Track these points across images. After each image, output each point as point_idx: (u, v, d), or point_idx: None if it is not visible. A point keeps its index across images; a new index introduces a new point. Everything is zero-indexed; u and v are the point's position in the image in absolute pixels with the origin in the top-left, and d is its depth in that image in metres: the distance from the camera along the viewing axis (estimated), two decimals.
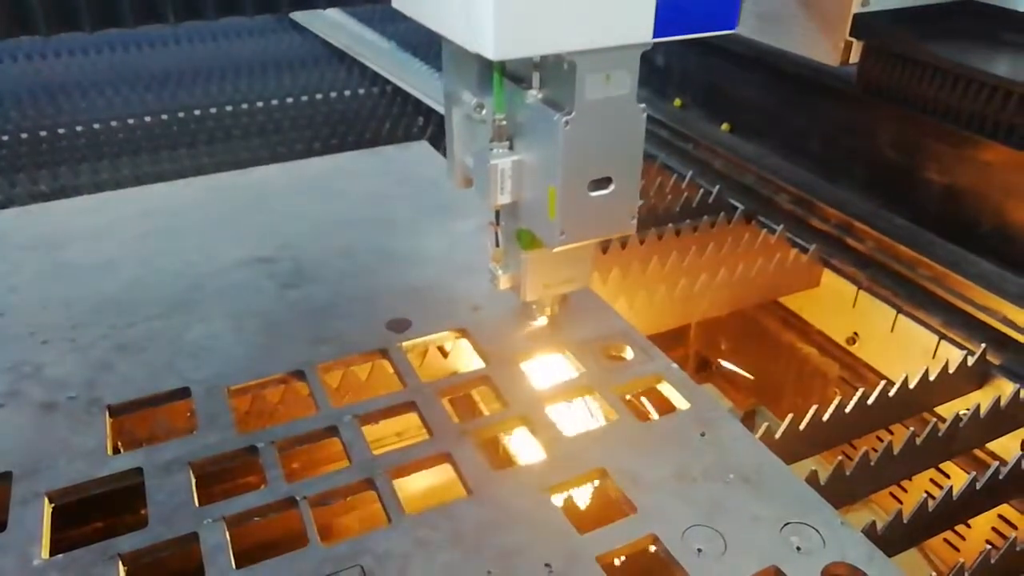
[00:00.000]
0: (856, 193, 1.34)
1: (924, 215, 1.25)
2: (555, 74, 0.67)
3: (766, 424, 0.86)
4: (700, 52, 1.60)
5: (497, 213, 0.80)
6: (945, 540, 1.11)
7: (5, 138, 1.51)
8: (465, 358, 0.91)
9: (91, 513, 0.75)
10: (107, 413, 0.80)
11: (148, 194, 1.24)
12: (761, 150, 1.50)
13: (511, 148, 0.74)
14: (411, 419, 0.81)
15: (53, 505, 0.71)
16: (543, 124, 0.69)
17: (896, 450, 0.86)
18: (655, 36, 0.65)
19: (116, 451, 0.77)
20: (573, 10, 0.62)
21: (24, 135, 1.52)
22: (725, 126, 1.59)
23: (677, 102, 1.69)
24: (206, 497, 0.71)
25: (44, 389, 0.84)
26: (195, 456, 0.75)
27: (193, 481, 0.72)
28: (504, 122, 0.72)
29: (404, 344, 0.89)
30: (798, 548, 0.66)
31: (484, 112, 0.73)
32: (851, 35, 1.25)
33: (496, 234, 0.82)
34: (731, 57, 1.52)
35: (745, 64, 1.50)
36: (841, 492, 0.79)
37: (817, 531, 0.68)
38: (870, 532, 0.72)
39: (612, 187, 0.72)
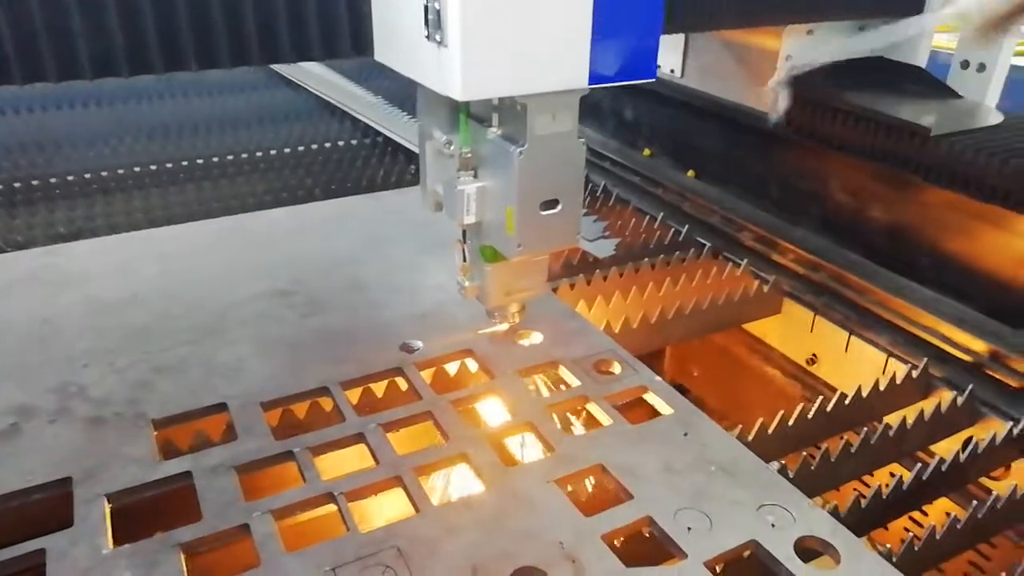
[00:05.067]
0: (811, 231, 1.49)
1: (871, 250, 1.40)
2: (511, 115, 0.83)
3: (739, 426, 0.97)
4: (666, 107, 1.76)
5: (464, 232, 0.94)
6: None
7: (17, 184, 1.59)
8: (472, 375, 1.02)
9: (143, 518, 0.83)
10: (152, 426, 0.88)
11: (163, 236, 1.33)
12: (724, 194, 1.64)
13: (475, 176, 0.88)
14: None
15: (111, 506, 0.79)
16: (502, 156, 0.84)
17: (853, 449, 0.98)
18: (590, 83, 0.80)
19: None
20: (524, 61, 0.77)
21: (35, 181, 1.60)
22: (691, 173, 1.74)
23: (647, 152, 1.84)
24: (251, 495, 0.80)
25: (91, 406, 0.91)
26: (238, 460, 0.83)
27: (239, 481, 0.81)
28: (469, 155, 0.87)
29: (416, 362, 0.99)
30: (772, 525, 0.77)
31: (452, 147, 0.87)
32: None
33: (463, 250, 0.96)
34: (694, 111, 1.68)
35: (707, 117, 1.66)
36: (807, 485, 0.90)
37: (788, 511, 0.79)
38: (834, 513, 0.83)
39: (559, 207, 0.87)
